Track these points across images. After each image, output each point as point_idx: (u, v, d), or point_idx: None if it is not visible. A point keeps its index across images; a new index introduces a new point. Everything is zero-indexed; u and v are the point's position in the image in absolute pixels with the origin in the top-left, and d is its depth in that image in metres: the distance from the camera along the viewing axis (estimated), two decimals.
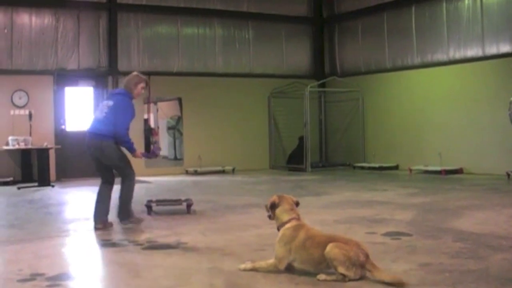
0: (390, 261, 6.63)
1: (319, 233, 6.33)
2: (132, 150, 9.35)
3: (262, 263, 6.37)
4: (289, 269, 6.21)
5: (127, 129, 9.27)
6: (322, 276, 5.90)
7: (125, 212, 9.35)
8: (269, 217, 6.56)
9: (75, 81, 18.62)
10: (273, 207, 6.47)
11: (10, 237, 8.78)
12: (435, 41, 18.33)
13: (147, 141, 26.14)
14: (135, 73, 9.76)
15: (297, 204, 6.56)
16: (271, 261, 6.30)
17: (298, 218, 6.40)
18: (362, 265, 5.84)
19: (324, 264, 5.96)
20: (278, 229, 6.41)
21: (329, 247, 5.89)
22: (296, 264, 6.19)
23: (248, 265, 6.41)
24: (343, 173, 18.92)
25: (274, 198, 6.51)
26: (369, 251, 6.00)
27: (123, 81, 9.84)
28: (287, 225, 6.31)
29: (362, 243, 6.12)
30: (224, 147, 20.24)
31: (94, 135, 9.22)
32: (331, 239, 6.04)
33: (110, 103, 9.31)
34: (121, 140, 9.21)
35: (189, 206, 10.80)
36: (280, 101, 21.17)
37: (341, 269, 5.78)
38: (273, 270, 6.22)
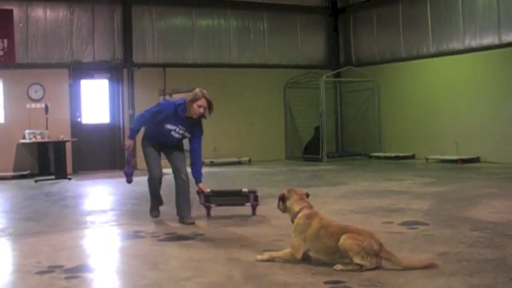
0: (408, 251, 6.62)
1: (332, 222, 6.30)
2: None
3: (279, 253, 6.38)
4: (306, 258, 6.22)
5: (138, 122, 9.31)
6: (339, 267, 5.89)
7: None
8: (282, 210, 6.62)
9: (91, 73, 18.67)
10: (283, 200, 6.51)
11: (28, 230, 8.82)
12: (451, 30, 18.23)
13: None
14: (197, 89, 9.34)
15: (307, 195, 6.58)
16: (288, 250, 6.31)
17: (309, 206, 6.42)
18: (376, 254, 5.84)
19: (338, 254, 5.96)
20: (292, 221, 6.43)
21: (342, 239, 5.89)
22: (311, 254, 6.20)
23: (265, 255, 6.41)
24: (359, 163, 18.89)
25: (283, 191, 6.57)
26: (382, 240, 5.99)
27: None
28: (300, 214, 6.34)
29: (375, 233, 6.11)
30: (240, 138, 20.25)
31: None
32: (344, 229, 6.05)
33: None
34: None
35: (254, 207, 9.55)
36: (295, 92, 21.15)
37: (357, 259, 5.78)
38: (290, 260, 6.21)
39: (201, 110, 8.97)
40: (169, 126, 8.93)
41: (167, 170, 9.30)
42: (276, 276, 5.82)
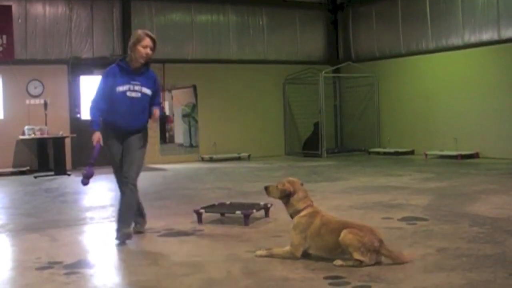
0: (407, 246, 6.62)
1: (333, 219, 6.33)
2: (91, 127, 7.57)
3: (278, 250, 6.39)
4: (305, 255, 6.22)
5: (95, 105, 7.54)
6: (338, 262, 5.90)
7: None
8: (276, 197, 6.55)
9: (90, 69, 18.65)
10: (288, 196, 6.41)
11: (27, 226, 8.83)
12: (450, 25, 18.21)
13: (163, 128, 26.28)
14: (138, 31, 7.88)
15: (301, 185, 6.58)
16: (287, 248, 6.31)
17: (312, 205, 6.41)
18: (376, 251, 5.86)
19: (339, 250, 5.99)
20: (292, 216, 6.41)
21: (343, 234, 5.91)
22: (311, 251, 6.22)
23: (264, 252, 6.42)
24: (358, 159, 18.89)
25: (287, 186, 6.43)
26: (383, 236, 6.01)
27: None
28: (303, 213, 6.31)
29: (376, 229, 6.13)
30: (240, 134, 20.26)
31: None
32: (345, 225, 6.06)
33: None
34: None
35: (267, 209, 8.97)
36: (295, 87, 21.15)
37: (357, 255, 5.79)
38: (290, 257, 6.23)
39: (148, 50, 7.57)
40: (120, 88, 7.48)
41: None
42: (275, 271, 5.83)
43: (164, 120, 28.53)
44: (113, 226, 7.48)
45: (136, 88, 7.53)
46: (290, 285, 5.40)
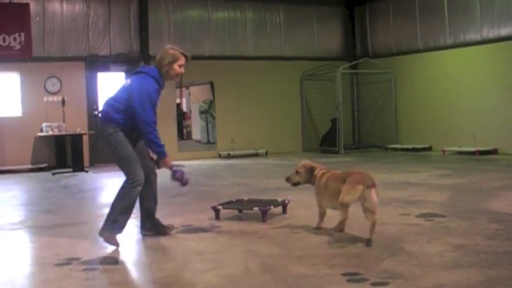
0: (425, 243, 6.60)
1: (337, 172, 7.38)
2: (160, 154, 7.10)
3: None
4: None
5: (155, 119, 7.04)
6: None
7: (109, 221, 7.13)
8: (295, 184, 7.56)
9: (107, 66, 18.75)
10: (312, 171, 7.44)
11: (46, 222, 8.87)
12: (468, 20, 18.11)
13: (180, 126, 26.33)
14: (168, 47, 7.38)
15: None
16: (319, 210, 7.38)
17: (326, 169, 7.51)
18: (372, 185, 6.80)
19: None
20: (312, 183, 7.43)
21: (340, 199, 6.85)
22: (328, 207, 7.31)
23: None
24: (376, 155, 18.85)
25: (307, 164, 7.57)
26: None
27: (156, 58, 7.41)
28: (318, 176, 7.41)
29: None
30: (257, 130, 20.26)
31: (100, 120, 7.46)
32: (345, 174, 7.14)
33: (128, 81, 7.33)
34: (145, 135, 7.02)
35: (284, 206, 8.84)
36: (312, 84, 21.12)
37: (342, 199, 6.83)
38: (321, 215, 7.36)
39: (182, 69, 7.32)
40: (156, 108, 7.20)
41: None
42: (293, 267, 5.83)
43: (182, 117, 28.59)
44: (131, 222, 7.48)
45: None
46: (308, 281, 5.39)
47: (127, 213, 7.12)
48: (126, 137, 7.11)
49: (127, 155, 7.11)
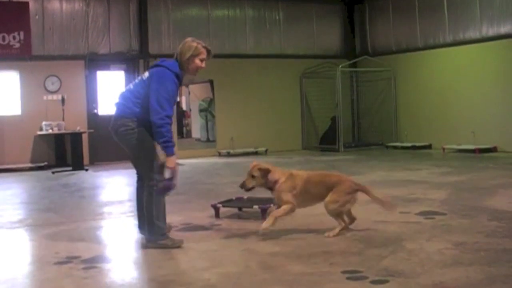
0: (425, 240, 6.61)
1: (313, 174, 7.47)
2: (167, 151, 6.71)
3: (278, 212, 7.02)
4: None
5: (170, 113, 6.71)
6: (329, 234, 6.94)
7: (151, 229, 6.85)
8: (250, 189, 7.27)
9: (107, 65, 18.72)
10: (266, 174, 7.15)
11: (46, 221, 8.87)
12: (467, 18, 18.10)
13: (180, 124, 26.33)
14: (190, 39, 7.16)
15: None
16: (285, 206, 7.04)
17: (284, 172, 7.29)
18: (356, 190, 7.06)
19: (324, 197, 7.04)
20: (272, 189, 7.19)
21: (325, 204, 7.00)
22: (302, 206, 7.25)
23: (266, 223, 6.91)
24: (376, 153, 18.84)
25: (262, 166, 7.21)
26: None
27: (177, 50, 7.19)
28: (282, 180, 7.12)
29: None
30: (257, 129, 20.24)
31: (115, 113, 6.99)
32: (325, 176, 7.42)
33: (146, 74, 7.01)
34: (156, 127, 6.63)
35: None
36: (312, 82, 21.12)
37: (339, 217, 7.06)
38: (290, 212, 7.08)
39: (203, 64, 7.16)
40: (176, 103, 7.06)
41: None
42: (293, 266, 5.83)
43: (182, 116, 28.60)
44: (131, 221, 7.48)
45: None
46: (308, 279, 5.39)
47: (163, 216, 6.89)
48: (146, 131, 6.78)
49: (153, 151, 6.86)
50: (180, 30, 19.25)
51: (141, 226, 7.20)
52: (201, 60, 7.07)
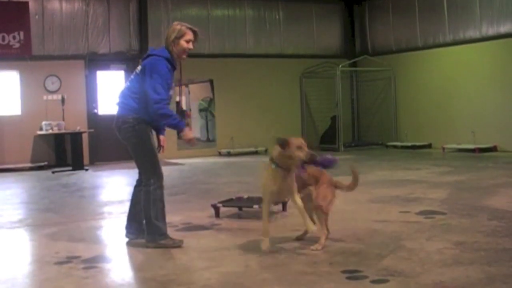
0: (425, 240, 6.61)
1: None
2: (178, 126, 6.85)
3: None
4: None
5: (165, 97, 6.65)
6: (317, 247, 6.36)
7: (150, 230, 6.82)
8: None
9: (106, 65, 18.72)
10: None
11: (46, 221, 8.87)
12: (467, 18, 18.10)
13: None
14: (175, 23, 7.15)
15: None
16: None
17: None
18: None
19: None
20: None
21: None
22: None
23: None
24: (375, 152, 18.85)
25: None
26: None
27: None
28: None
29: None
30: (257, 128, 20.22)
31: (116, 112, 6.94)
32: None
33: (139, 68, 6.93)
34: (155, 113, 6.62)
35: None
36: (311, 81, 21.12)
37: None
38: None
39: (190, 45, 7.07)
40: (171, 91, 7.03)
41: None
42: (293, 265, 5.83)
43: (182, 115, 28.56)
44: None
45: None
46: (308, 279, 5.39)
47: (162, 216, 6.85)
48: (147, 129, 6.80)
49: (152, 151, 6.88)
50: None
51: (128, 227, 7.17)
52: (187, 42, 7.02)
